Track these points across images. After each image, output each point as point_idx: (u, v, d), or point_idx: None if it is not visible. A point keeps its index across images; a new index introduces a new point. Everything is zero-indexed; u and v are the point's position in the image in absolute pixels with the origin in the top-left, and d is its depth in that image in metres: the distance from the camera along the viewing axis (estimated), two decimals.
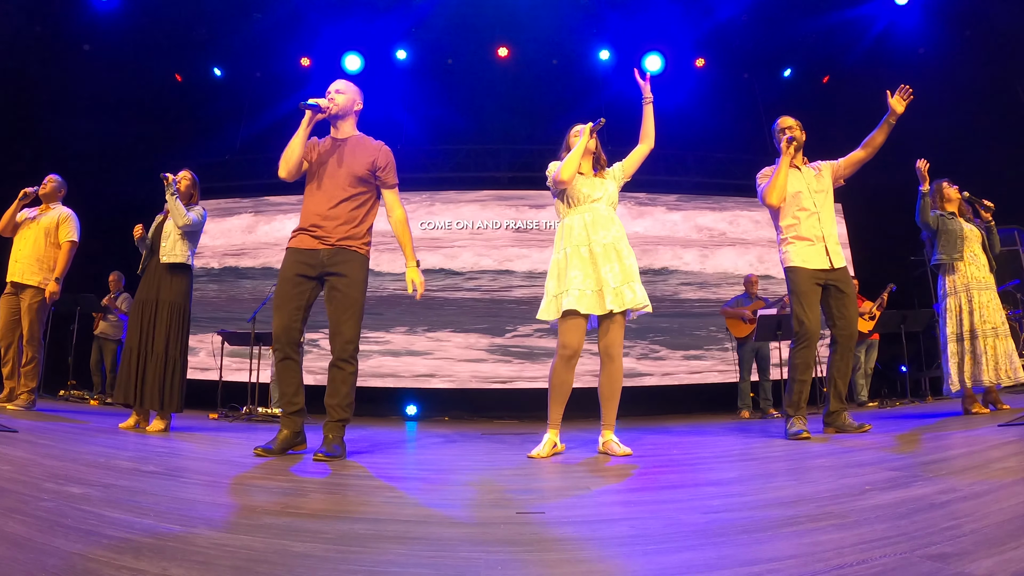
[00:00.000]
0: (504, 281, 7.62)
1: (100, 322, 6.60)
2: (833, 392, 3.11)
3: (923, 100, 6.51)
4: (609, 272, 2.53)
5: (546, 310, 2.62)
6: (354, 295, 2.52)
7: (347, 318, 2.50)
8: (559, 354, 2.58)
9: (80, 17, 6.65)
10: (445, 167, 8.22)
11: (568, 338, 2.54)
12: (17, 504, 1.25)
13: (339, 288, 2.51)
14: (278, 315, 2.49)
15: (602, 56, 7.84)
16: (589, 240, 2.58)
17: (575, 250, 2.58)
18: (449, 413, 6.93)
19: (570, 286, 2.53)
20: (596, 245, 2.56)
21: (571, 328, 2.54)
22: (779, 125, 3.24)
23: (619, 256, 2.57)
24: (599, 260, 2.54)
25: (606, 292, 2.51)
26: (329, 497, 1.60)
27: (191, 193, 3.64)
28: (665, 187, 8.22)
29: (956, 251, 3.77)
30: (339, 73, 7.69)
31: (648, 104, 2.88)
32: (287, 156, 2.54)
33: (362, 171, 2.59)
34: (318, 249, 2.52)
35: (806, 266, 3.06)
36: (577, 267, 2.55)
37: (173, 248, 3.49)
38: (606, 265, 2.54)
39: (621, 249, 2.59)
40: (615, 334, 2.58)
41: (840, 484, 1.57)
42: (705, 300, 7.84)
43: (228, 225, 8.14)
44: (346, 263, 2.52)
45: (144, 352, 3.37)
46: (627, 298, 2.51)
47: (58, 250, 4.07)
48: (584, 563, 0.98)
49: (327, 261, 2.51)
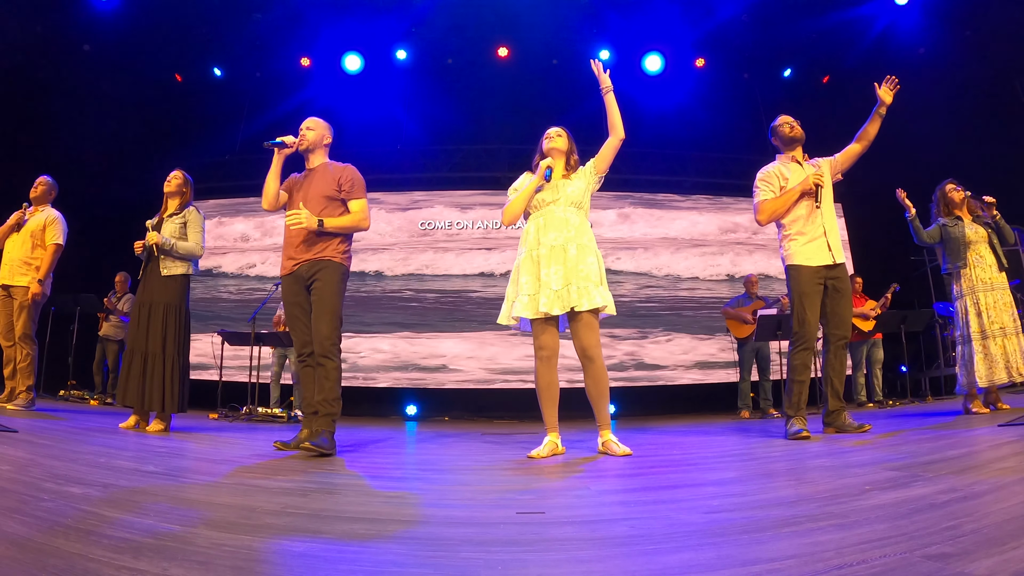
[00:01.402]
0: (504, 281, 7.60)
1: (104, 323, 6.61)
2: (831, 392, 3.11)
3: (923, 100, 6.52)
4: (553, 274, 2.53)
5: (503, 314, 2.70)
6: (327, 296, 2.69)
7: (322, 316, 2.67)
8: (537, 356, 2.62)
9: (80, 17, 6.64)
10: (445, 167, 8.22)
11: (541, 340, 2.60)
12: (17, 504, 1.25)
13: (315, 292, 2.71)
14: (294, 334, 2.79)
15: (602, 56, 7.82)
16: (539, 243, 2.61)
17: (527, 254, 2.64)
18: (449, 413, 6.93)
19: (521, 291, 2.59)
20: (543, 248, 2.58)
21: (540, 330, 2.60)
22: (778, 123, 3.26)
23: (565, 257, 2.55)
24: (543, 262, 2.56)
25: (543, 295, 2.51)
26: (329, 497, 1.60)
27: (183, 192, 3.65)
28: (665, 187, 8.22)
29: (959, 258, 3.82)
30: (339, 73, 7.69)
31: (608, 93, 2.82)
32: (264, 191, 2.85)
33: (329, 190, 2.79)
34: (298, 267, 2.76)
35: (809, 264, 3.06)
36: (526, 271, 2.61)
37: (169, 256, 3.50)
38: (549, 267, 2.54)
39: (568, 249, 2.56)
40: (585, 335, 2.55)
41: (840, 484, 1.57)
42: (705, 300, 7.84)
43: (228, 225, 8.14)
44: (322, 270, 2.72)
45: (143, 354, 3.38)
46: (572, 298, 2.50)
47: (44, 252, 4.10)
48: (584, 563, 0.98)
49: (307, 273, 2.74)
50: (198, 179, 3.79)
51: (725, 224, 8.17)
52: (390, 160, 8.01)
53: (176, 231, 3.51)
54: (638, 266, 7.93)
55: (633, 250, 7.98)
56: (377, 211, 7.78)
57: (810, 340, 3.04)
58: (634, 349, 7.59)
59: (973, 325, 3.71)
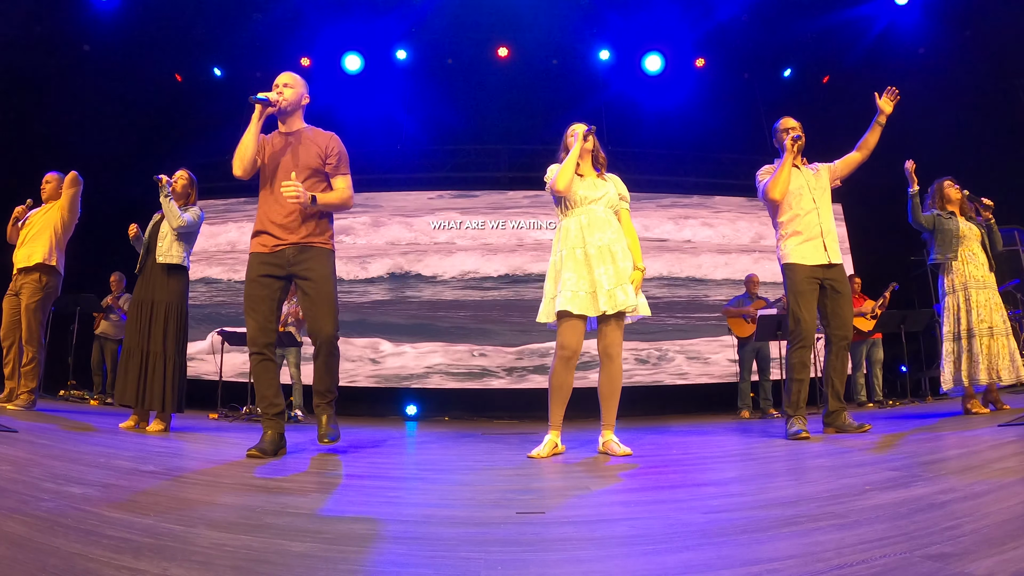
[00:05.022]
0: (504, 281, 7.62)
1: (101, 322, 6.60)
2: (831, 392, 3.11)
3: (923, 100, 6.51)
4: (603, 274, 2.53)
5: (544, 312, 2.66)
6: (326, 290, 2.54)
7: (324, 314, 2.54)
8: (558, 355, 2.59)
9: (80, 17, 6.64)
10: (445, 167, 8.21)
11: (566, 339, 2.56)
12: (17, 504, 1.25)
13: (310, 285, 2.53)
14: (252, 317, 2.50)
15: (602, 56, 7.84)
16: (584, 242, 2.59)
17: (570, 252, 2.60)
18: (449, 413, 6.93)
19: (564, 287, 2.55)
20: (591, 247, 2.57)
21: (568, 329, 2.56)
22: (781, 125, 3.26)
23: (613, 258, 2.56)
24: (593, 262, 2.55)
25: (599, 294, 2.51)
26: (329, 497, 1.60)
27: (188, 193, 3.64)
28: (665, 187, 8.22)
29: (951, 250, 3.78)
30: (339, 73, 7.69)
31: None
32: (241, 154, 2.53)
33: (315, 162, 2.58)
34: (283, 249, 2.52)
35: (804, 263, 3.06)
36: (571, 269, 2.57)
37: (169, 249, 3.49)
38: (600, 267, 2.54)
39: (616, 251, 2.58)
40: (613, 335, 2.59)
41: (840, 484, 1.57)
42: (704, 300, 7.84)
43: (228, 225, 8.14)
44: (312, 259, 2.53)
45: (142, 353, 3.38)
46: (619, 299, 2.51)
47: None
48: (584, 563, 0.98)
49: (293, 259, 2.52)
50: (198, 179, 3.79)
51: (725, 224, 8.16)
52: (390, 160, 8.01)
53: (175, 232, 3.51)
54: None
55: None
56: (377, 214, 7.79)
57: (807, 338, 3.04)
58: (634, 350, 7.58)
59: (962, 322, 3.69)
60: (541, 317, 2.66)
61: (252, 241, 2.59)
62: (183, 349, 3.52)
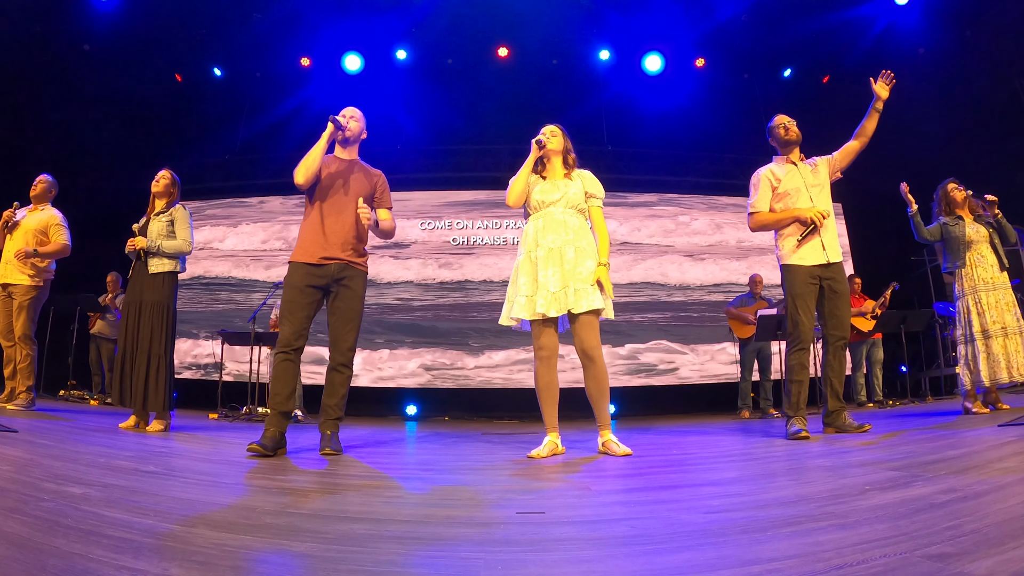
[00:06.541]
0: (504, 282, 7.60)
1: (97, 321, 6.60)
2: (830, 392, 3.11)
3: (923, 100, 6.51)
4: (550, 277, 2.54)
5: (504, 315, 2.72)
6: (357, 308, 2.75)
7: (350, 328, 2.73)
8: (537, 356, 2.64)
9: (80, 17, 6.63)
10: (445, 167, 8.21)
11: (540, 340, 2.62)
12: (17, 504, 1.25)
13: (344, 300, 2.72)
14: (288, 322, 2.64)
15: (602, 56, 7.83)
16: (537, 245, 2.62)
17: (526, 255, 2.65)
18: (449, 413, 6.93)
19: (519, 292, 2.61)
20: (541, 250, 2.59)
21: (539, 331, 2.62)
22: (775, 123, 3.26)
23: (562, 260, 2.56)
24: (540, 264, 2.58)
25: (541, 296, 2.53)
26: (329, 497, 1.60)
27: (171, 192, 3.65)
28: (664, 187, 8.21)
29: (959, 258, 3.83)
30: (339, 73, 7.68)
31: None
32: (308, 165, 2.70)
33: (366, 192, 2.82)
34: (328, 264, 2.69)
35: (803, 263, 3.06)
36: (525, 272, 2.63)
37: (160, 258, 3.50)
38: (547, 269, 2.55)
39: (566, 253, 2.57)
40: (586, 335, 2.56)
41: (840, 484, 1.57)
42: (703, 300, 7.84)
43: (227, 225, 8.13)
44: (353, 278, 2.74)
45: (132, 353, 3.40)
46: (569, 301, 2.52)
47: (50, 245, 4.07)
48: (584, 563, 0.98)
49: (337, 274, 2.70)
50: (198, 179, 3.81)
51: (725, 224, 8.16)
52: (390, 160, 8.00)
53: (163, 229, 3.52)
54: (640, 269, 7.92)
55: (639, 252, 7.97)
56: None
57: (805, 340, 3.04)
58: (632, 350, 7.58)
59: (975, 324, 3.71)
60: (501, 320, 2.73)
61: (297, 250, 2.73)
62: (170, 348, 3.54)
